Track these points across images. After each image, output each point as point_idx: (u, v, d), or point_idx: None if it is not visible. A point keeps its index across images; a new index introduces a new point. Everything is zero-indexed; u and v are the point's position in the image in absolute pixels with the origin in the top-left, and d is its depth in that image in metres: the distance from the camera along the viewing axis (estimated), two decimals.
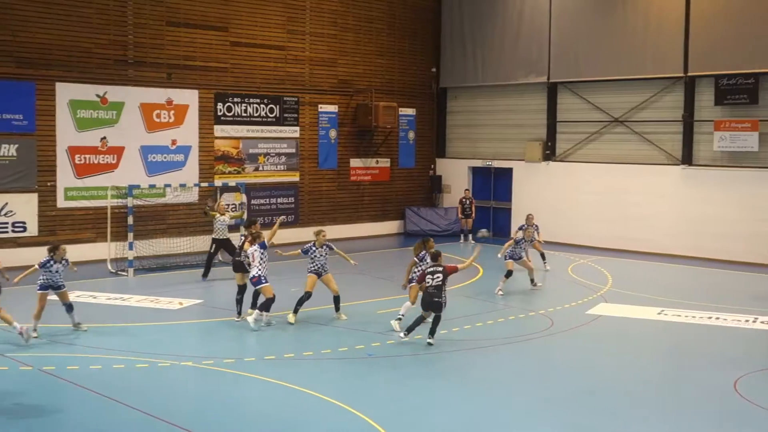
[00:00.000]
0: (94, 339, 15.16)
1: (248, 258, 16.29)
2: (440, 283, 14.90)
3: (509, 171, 31.14)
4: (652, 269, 24.62)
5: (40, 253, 22.30)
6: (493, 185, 32.08)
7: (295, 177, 28.89)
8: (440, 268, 15.07)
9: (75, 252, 22.18)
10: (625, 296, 19.91)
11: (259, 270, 16.07)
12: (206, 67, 26.31)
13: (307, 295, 16.59)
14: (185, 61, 25.79)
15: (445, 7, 32.69)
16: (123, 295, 19.44)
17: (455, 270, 15.25)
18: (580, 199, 28.74)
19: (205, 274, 21.77)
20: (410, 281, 16.38)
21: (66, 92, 23.40)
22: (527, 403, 12.18)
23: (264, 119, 27.84)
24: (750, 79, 25.03)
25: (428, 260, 16.06)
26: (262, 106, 27.74)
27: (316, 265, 16.77)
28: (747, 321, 17.40)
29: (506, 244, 20.85)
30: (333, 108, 29.83)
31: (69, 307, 15.68)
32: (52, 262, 15.51)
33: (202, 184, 25.51)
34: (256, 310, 16.29)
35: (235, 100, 27.04)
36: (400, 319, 15.99)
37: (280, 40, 28.07)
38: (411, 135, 32.54)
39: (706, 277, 23.57)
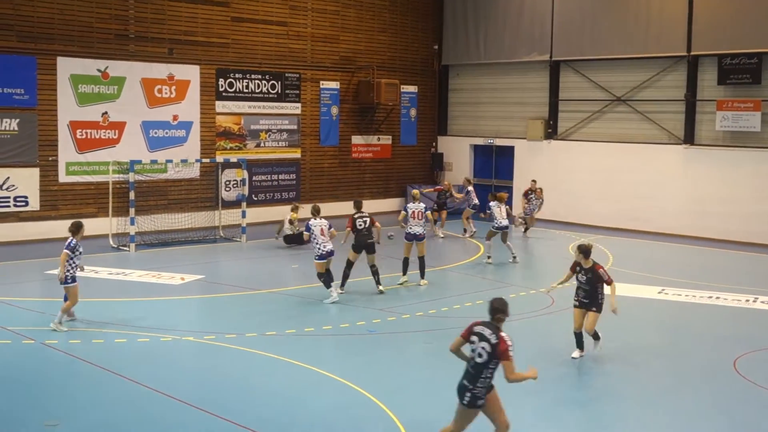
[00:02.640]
0: (95, 314, 15.18)
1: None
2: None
3: (511, 149, 31.08)
4: (653, 248, 24.63)
5: (42, 228, 22.64)
6: (495, 163, 32.04)
7: (296, 153, 28.85)
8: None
9: None
10: (626, 275, 19.91)
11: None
12: (208, 43, 26.20)
13: (408, 260, 18.54)
14: (186, 36, 25.67)
15: None
16: (125, 270, 19.48)
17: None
18: (582, 177, 28.71)
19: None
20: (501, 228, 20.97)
21: (67, 66, 23.32)
22: (529, 381, 12.18)
23: (266, 95, 27.77)
24: (753, 59, 24.93)
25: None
26: (263, 82, 27.66)
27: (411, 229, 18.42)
28: (747, 300, 17.44)
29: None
30: (335, 85, 29.73)
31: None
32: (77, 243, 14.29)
33: (204, 160, 25.52)
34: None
35: (237, 75, 26.95)
36: (489, 256, 20.83)
37: (281, 15, 27.93)
38: (413, 112, 32.47)
39: (706, 256, 23.59)
